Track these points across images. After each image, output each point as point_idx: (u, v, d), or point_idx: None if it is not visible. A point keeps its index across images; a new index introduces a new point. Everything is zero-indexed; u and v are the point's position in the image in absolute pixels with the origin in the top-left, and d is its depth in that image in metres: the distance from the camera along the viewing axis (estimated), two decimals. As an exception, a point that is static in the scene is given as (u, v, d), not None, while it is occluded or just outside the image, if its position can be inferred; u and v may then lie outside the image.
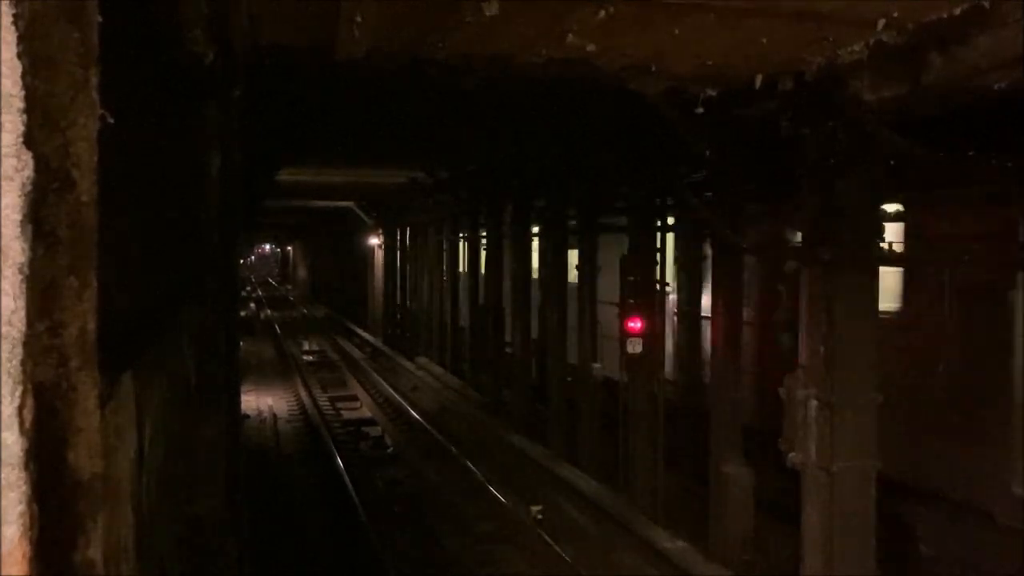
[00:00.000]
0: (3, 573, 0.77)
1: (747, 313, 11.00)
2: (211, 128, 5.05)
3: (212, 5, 4.03)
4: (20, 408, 0.77)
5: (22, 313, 0.78)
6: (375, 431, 17.72)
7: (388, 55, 6.44)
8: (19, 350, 0.78)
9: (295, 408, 20.12)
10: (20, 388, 0.78)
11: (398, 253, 30.15)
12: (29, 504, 0.79)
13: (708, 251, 11.53)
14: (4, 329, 0.77)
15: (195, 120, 4.82)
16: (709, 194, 10.26)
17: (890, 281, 9.41)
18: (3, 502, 0.77)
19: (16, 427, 0.77)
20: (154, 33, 3.27)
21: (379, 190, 24.15)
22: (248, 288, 61.67)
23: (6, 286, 0.77)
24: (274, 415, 19.28)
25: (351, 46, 6.10)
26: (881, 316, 7.55)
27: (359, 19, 5.49)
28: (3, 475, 0.77)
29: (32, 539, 0.79)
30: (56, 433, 0.92)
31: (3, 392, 0.77)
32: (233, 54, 4.92)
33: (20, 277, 0.78)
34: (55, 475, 0.91)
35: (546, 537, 11.01)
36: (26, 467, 0.78)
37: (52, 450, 0.91)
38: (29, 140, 0.78)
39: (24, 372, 0.78)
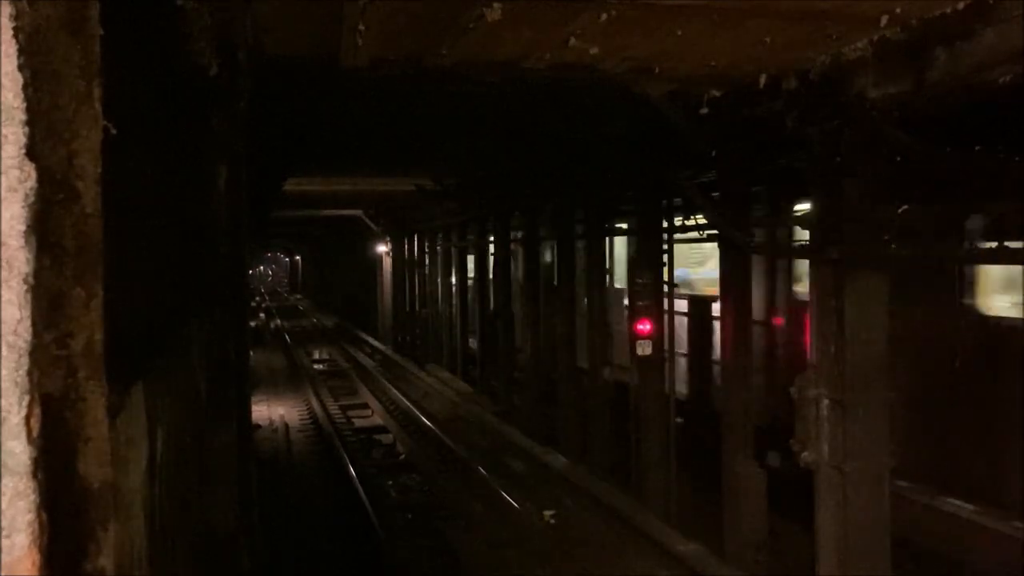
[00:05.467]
0: (13, 581, 0.78)
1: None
2: (218, 139, 5.08)
3: (215, 17, 4.06)
4: (27, 417, 0.78)
5: (28, 323, 0.79)
6: (387, 439, 17.72)
7: (392, 63, 6.47)
8: (25, 360, 0.79)
9: (306, 417, 20.14)
10: (27, 398, 0.79)
11: (406, 260, 30.20)
12: (38, 512, 0.79)
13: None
14: (10, 339, 0.78)
15: (202, 132, 4.85)
16: (716, 195, 10.25)
17: None
18: (12, 511, 0.78)
19: (24, 436, 0.78)
20: (160, 46, 3.29)
21: (386, 198, 24.19)
22: (257, 298, 61.94)
23: (11, 296, 0.78)
24: (286, 424, 19.30)
25: (355, 55, 6.13)
26: None
27: (362, 28, 5.51)
28: (11, 484, 0.78)
29: (42, 547, 0.80)
30: (65, 442, 0.93)
31: (10, 402, 0.78)
32: (238, 65, 4.95)
33: (25, 287, 0.79)
34: (65, 484, 0.91)
35: (559, 541, 11.00)
36: (34, 476, 0.79)
37: (61, 459, 0.91)
38: (32, 152, 0.79)
39: (31, 381, 0.79)
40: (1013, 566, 8.31)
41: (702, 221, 11.37)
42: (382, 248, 32.58)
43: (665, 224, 11.94)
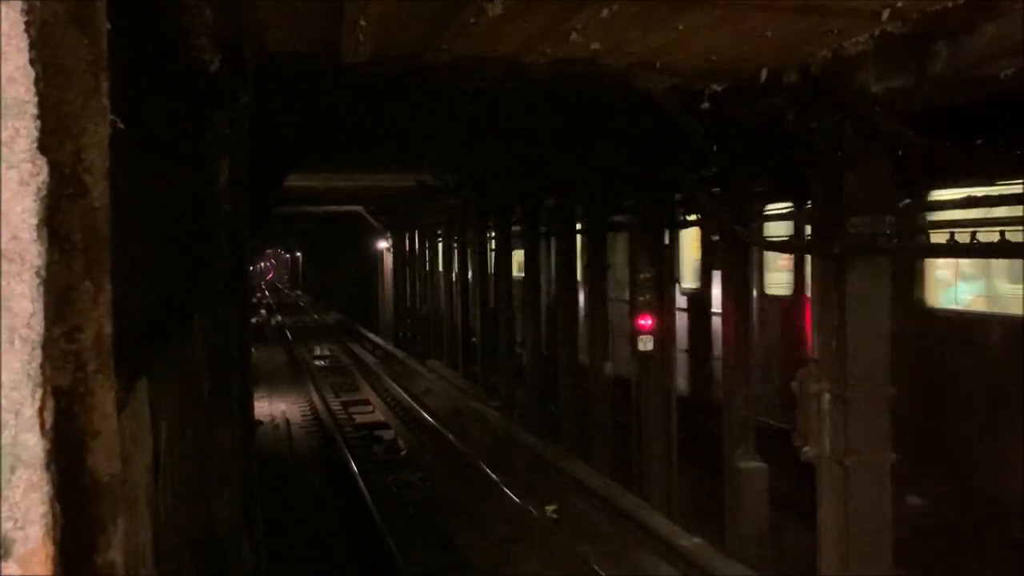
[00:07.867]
0: (27, 574, 0.78)
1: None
2: (219, 136, 5.08)
3: (217, 13, 4.05)
4: (40, 410, 0.79)
5: (40, 316, 0.79)
6: (388, 435, 17.75)
7: (393, 59, 6.47)
8: (38, 352, 0.79)
9: (308, 413, 20.17)
10: (40, 390, 0.79)
11: (407, 257, 30.20)
12: (51, 505, 0.80)
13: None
14: (23, 332, 0.78)
15: (204, 128, 4.85)
16: (717, 190, 10.24)
17: None
18: (26, 502, 0.78)
19: (37, 428, 0.78)
20: (162, 41, 3.28)
21: (387, 194, 24.18)
22: (258, 295, 61.95)
23: (24, 289, 0.78)
24: (287, 420, 19.32)
25: (355, 51, 6.12)
26: None
27: (363, 23, 5.51)
28: (25, 476, 0.78)
29: (55, 540, 0.80)
30: (75, 436, 0.93)
31: (23, 394, 0.78)
32: (239, 61, 4.94)
33: (37, 280, 0.79)
34: (75, 477, 0.92)
35: (562, 537, 11.01)
36: (47, 468, 0.79)
37: (71, 453, 0.92)
38: (43, 146, 0.80)
39: (43, 374, 0.79)
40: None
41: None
42: (383, 244, 32.58)
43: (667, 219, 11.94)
